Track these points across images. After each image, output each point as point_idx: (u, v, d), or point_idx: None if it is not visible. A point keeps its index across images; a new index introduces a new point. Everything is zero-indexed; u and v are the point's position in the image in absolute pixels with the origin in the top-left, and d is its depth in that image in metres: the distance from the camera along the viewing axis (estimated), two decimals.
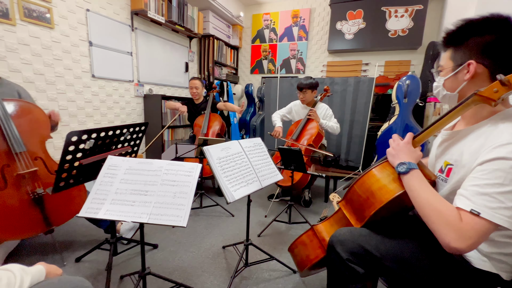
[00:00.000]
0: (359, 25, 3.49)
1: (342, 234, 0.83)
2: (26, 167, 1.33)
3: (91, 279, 1.33)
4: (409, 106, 2.43)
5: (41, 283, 0.58)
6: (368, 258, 0.77)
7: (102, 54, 2.45)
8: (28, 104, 1.40)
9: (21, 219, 1.31)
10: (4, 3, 1.72)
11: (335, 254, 0.81)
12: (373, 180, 0.85)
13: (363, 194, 0.85)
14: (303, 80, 2.41)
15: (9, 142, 1.28)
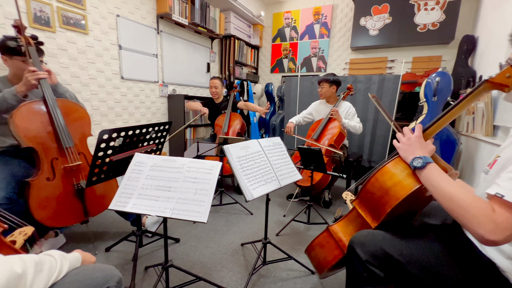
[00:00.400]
0: (385, 20, 3.34)
1: (363, 236, 0.82)
2: (72, 160, 1.46)
3: (119, 268, 1.41)
4: (438, 104, 2.29)
5: (78, 268, 0.63)
6: (389, 262, 0.75)
7: (130, 56, 2.59)
8: (76, 105, 1.55)
9: (65, 208, 1.44)
10: (46, 12, 1.88)
11: (355, 255, 0.79)
12: (387, 176, 0.82)
13: (378, 192, 0.83)
14: (323, 76, 2.41)
15: (60, 137, 1.40)
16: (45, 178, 1.37)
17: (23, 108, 1.32)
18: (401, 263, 0.74)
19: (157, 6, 2.79)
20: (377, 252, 0.76)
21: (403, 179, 0.79)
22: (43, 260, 0.55)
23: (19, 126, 1.29)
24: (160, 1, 2.75)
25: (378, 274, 0.76)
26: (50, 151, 1.40)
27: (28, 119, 1.32)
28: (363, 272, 0.77)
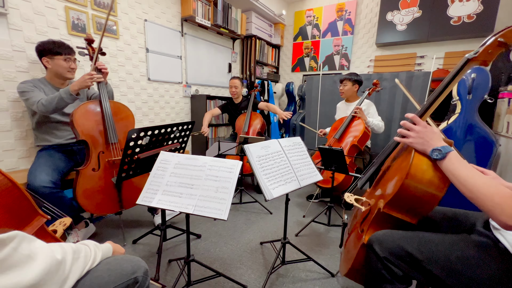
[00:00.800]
0: (414, 14, 3.16)
1: (382, 234, 0.82)
2: (115, 155, 1.64)
3: (145, 260, 1.50)
4: (474, 103, 2.12)
5: (109, 258, 0.69)
6: (409, 260, 0.74)
7: (156, 59, 2.71)
8: (124, 106, 1.76)
9: (104, 198, 1.60)
10: (82, 20, 2.04)
11: (373, 252, 0.79)
12: (420, 174, 0.78)
13: (416, 192, 0.79)
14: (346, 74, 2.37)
15: (108, 134, 1.60)
16: (91, 168, 1.55)
17: (82, 106, 1.54)
18: (421, 261, 0.73)
19: (181, 9, 2.89)
20: (396, 249, 0.76)
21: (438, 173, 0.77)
22: (79, 249, 0.60)
23: (78, 121, 1.51)
24: (184, 5, 2.85)
25: (397, 272, 0.75)
26: (99, 145, 1.59)
27: (85, 116, 1.55)
28: (382, 269, 0.77)
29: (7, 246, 0.43)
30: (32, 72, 1.80)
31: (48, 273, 0.48)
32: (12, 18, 1.68)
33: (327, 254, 1.61)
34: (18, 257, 0.44)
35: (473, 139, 2.06)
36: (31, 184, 1.40)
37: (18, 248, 0.45)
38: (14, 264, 0.43)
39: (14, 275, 0.43)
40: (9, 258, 0.43)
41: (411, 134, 0.82)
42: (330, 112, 3.10)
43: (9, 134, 1.74)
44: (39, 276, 0.46)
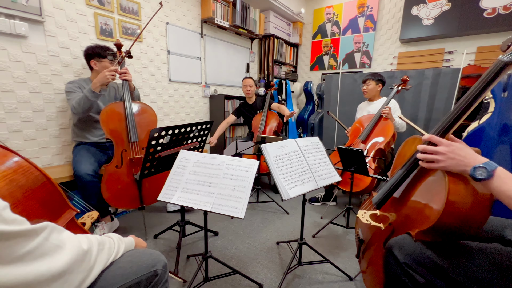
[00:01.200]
0: (442, 7, 2.98)
1: (402, 238, 0.77)
2: (135, 153, 1.73)
3: (165, 254, 1.56)
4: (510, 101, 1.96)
5: (131, 251, 0.72)
6: (432, 267, 0.69)
7: (177, 60, 2.80)
8: (145, 106, 1.84)
9: (127, 193, 1.70)
10: (109, 25, 2.15)
11: (392, 257, 0.75)
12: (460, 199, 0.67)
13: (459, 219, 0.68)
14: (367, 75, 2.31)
15: (129, 133, 1.70)
16: (115, 165, 1.65)
17: (107, 107, 1.65)
18: (445, 269, 0.67)
19: (201, 11, 2.95)
20: (417, 255, 0.71)
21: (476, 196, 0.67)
22: (104, 241, 0.64)
23: (104, 121, 1.63)
24: (204, 7, 2.91)
25: (418, 280, 0.70)
26: (122, 144, 1.69)
27: (110, 116, 1.65)
28: (402, 276, 0.73)
29: (39, 236, 0.47)
30: (65, 74, 1.93)
31: (75, 262, 0.52)
32: (48, 25, 1.81)
33: (345, 257, 1.57)
34: (49, 246, 0.48)
35: (508, 140, 1.91)
36: (77, 172, 1.58)
37: (48, 238, 0.49)
38: (45, 253, 0.47)
39: (45, 263, 0.46)
40: (40, 247, 0.47)
41: (439, 158, 0.71)
42: (350, 112, 3.01)
43: (44, 132, 1.88)
44: (67, 264, 0.50)
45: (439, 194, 0.71)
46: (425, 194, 0.81)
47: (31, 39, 1.74)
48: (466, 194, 0.68)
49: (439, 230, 0.72)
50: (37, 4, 1.70)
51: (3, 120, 1.68)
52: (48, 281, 0.46)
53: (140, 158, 1.72)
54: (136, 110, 1.77)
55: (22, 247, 0.44)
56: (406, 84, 2.20)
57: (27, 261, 0.44)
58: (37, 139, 1.85)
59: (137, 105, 1.80)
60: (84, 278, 0.54)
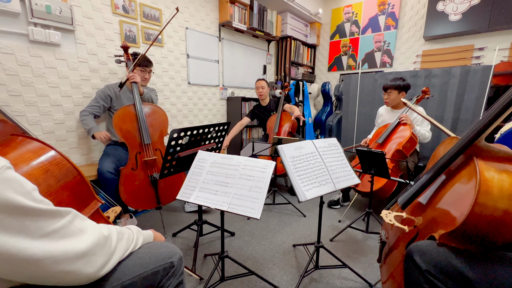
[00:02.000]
0: (471, 2, 2.81)
1: (425, 244, 0.72)
2: (149, 155, 1.78)
3: (183, 252, 1.60)
4: None
5: (150, 243, 0.76)
6: (458, 278, 0.64)
7: (196, 64, 2.88)
8: (157, 107, 1.89)
9: (143, 194, 1.76)
10: (133, 31, 2.27)
11: (413, 263, 0.71)
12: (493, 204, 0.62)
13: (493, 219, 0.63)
14: (390, 81, 2.15)
15: (142, 135, 1.75)
16: (131, 167, 1.71)
17: (119, 111, 1.70)
18: (472, 281, 0.62)
19: (219, 15, 3.02)
20: (442, 263, 0.66)
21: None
22: (123, 231, 0.69)
23: (116, 124, 1.68)
24: (222, 11, 2.97)
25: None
26: (135, 146, 1.74)
27: (122, 119, 1.70)
28: (424, 283, 0.69)
29: (64, 218, 0.52)
30: (93, 80, 2.06)
31: (97, 245, 0.56)
32: (78, 33, 1.94)
33: (365, 262, 1.52)
34: (73, 229, 0.53)
35: None
36: (100, 169, 1.69)
37: (73, 221, 0.54)
38: (69, 234, 0.52)
39: (70, 242, 0.51)
40: (65, 227, 0.52)
41: None
42: (370, 113, 2.92)
43: (74, 133, 2.01)
44: (90, 246, 0.54)
45: (468, 194, 0.67)
46: (454, 195, 0.76)
47: (63, 46, 1.88)
48: (501, 197, 0.63)
49: (465, 234, 0.67)
50: (69, 14, 1.83)
51: (38, 122, 1.82)
52: (73, 259, 0.51)
53: (154, 160, 1.77)
54: (146, 112, 1.79)
55: (49, 225, 0.49)
56: (426, 94, 2.10)
57: (54, 239, 0.49)
58: (67, 140, 1.98)
59: (147, 107, 1.82)
60: (106, 261, 0.58)
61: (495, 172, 0.66)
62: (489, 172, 0.66)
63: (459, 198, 0.73)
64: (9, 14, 1.61)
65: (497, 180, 0.64)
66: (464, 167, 0.76)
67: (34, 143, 0.79)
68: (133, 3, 2.23)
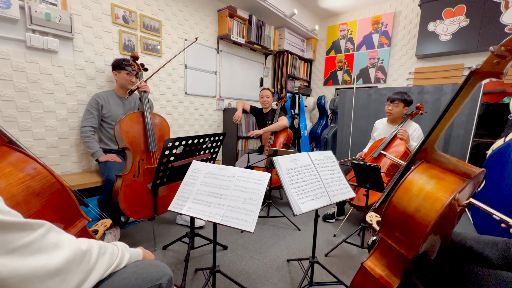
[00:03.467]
0: (460, 23, 2.94)
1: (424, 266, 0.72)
2: (154, 163, 1.78)
3: (172, 267, 1.54)
4: None
5: (137, 261, 0.71)
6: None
7: (194, 74, 2.90)
8: (161, 117, 1.92)
9: (142, 203, 1.72)
10: (132, 41, 2.29)
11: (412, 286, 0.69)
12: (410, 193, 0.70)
13: (402, 217, 0.70)
14: (395, 94, 2.17)
15: (149, 142, 1.76)
16: (132, 174, 1.68)
17: (128, 116, 1.71)
18: None
19: (218, 28, 3.08)
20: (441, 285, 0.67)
21: (432, 192, 0.67)
22: (107, 246, 0.63)
23: (123, 129, 1.67)
24: (221, 24, 3.04)
25: None
26: (139, 153, 1.74)
27: (129, 125, 1.71)
28: None
29: (35, 232, 0.47)
30: (89, 87, 2.05)
31: (73, 261, 0.51)
32: (77, 41, 1.95)
33: None
34: (46, 243, 0.48)
35: None
36: (109, 176, 1.71)
37: (46, 235, 0.49)
38: (42, 249, 0.47)
39: (41, 259, 0.47)
40: (37, 242, 0.47)
41: None
42: (364, 127, 2.96)
43: (66, 141, 1.97)
44: (64, 262, 0.49)
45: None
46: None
47: (61, 54, 1.87)
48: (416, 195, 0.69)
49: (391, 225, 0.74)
50: (69, 22, 1.84)
51: (30, 128, 1.79)
52: (44, 277, 0.46)
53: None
54: (153, 120, 1.83)
55: (17, 240, 0.44)
56: (421, 110, 2.16)
57: (22, 255, 0.44)
58: (59, 147, 1.94)
59: (154, 116, 1.87)
60: (83, 279, 0.53)
61: (427, 176, 0.72)
62: (420, 175, 0.73)
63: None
64: (7, 20, 1.61)
65: (423, 181, 0.71)
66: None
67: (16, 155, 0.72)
68: (134, 14, 2.26)
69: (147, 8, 2.37)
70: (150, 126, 1.76)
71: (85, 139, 1.88)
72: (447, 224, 0.75)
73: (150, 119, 1.77)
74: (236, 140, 3.15)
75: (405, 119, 2.17)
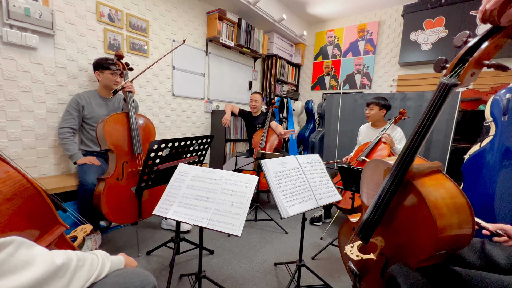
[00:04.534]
0: (440, 34, 3.09)
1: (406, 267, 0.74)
2: (139, 165, 1.72)
3: (157, 273, 1.49)
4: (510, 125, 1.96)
5: (119, 270, 0.67)
6: None
7: (181, 76, 2.86)
8: (146, 118, 1.86)
9: (125, 207, 1.65)
10: (118, 40, 2.23)
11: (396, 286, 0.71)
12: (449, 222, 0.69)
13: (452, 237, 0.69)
14: (372, 98, 2.30)
15: (134, 144, 1.70)
16: (116, 177, 1.61)
17: (112, 117, 1.65)
18: None
19: (207, 31, 3.07)
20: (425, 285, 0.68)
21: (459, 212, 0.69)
22: (86, 257, 0.60)
23: (107, 131, 1.60)
24: (210, 26, 3.02)
25: None
26: (123, 155, 1.67)
27: (114, 126, 1.64)
28: None
29: (2, 252, 0.44)
30: (70, 86, 1.96)
31: (47, 278, 0.48)
32: (59, 38, 1.87)
33: (347, 281, 1.50)
34: (15, 262, 0.45)
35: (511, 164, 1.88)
36: (84, 181, 1.60)
37: (15, 253, 0.45)
38: (10, 270, 0.44)
39: (10, 280, 0.43)
40: (4, 263, 0.43)
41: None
42: (351, 131, 3.02)
43: (44, 142, 1.88)
44: (35, 281, 0.46)
45: (425, 221, 0.70)
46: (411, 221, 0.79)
47: (41, 51, 1.79)
48: (450, 213, 0.68)
49: (435, 256, 0.72)
50: (50, 18, 1.77)
51: (4, 128, 1.69)
52: None
53: None
54: (139, 121, 1.78)
55: None
56: (404, 115, 2.24)
57: None
58: (36, 148, 1.84)
59: (139, 117, 1.81)
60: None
61: (434, 190, 0.72)
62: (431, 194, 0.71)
63: (418, 225, 0.75)
64: None
65: (440, 198, 0.70)
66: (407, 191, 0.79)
67: None
68: (120, 12, 2.21)
69: (134, 7, 2.32)
70: (135, 128, 1.71)
71: (63, 141, 1.79)
72: None
73: (135, 120, 1.72)
74: (224, 143, 3.12)
75: (389, 124, 2.25)
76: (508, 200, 1.87)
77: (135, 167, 1.70)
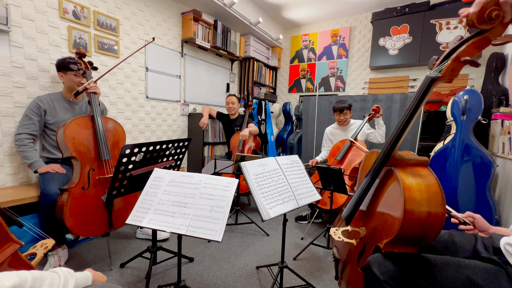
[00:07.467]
0: (405, 40, 3.31)
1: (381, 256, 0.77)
2: (107, 172, 1.58)
3: (132, 286, 1.40)
4: (468, 124, 2.15)
5: (86, 287, 0.61)
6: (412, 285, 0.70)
7: (156, 78, 2.75)
8: (116, 122, 1.73)
9: (93, 218, 1.52)
10: (84, 39, 2.08)
11: (372, 275, 0.75)
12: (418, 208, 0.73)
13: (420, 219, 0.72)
14: (339, 103, 2.41)
15: (101, 150, 1.56)
16: (81, 187, 1.48)
17: (74, 121, 1.50)
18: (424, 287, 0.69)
19: (182, 32, 2.99)
20: (397, 273, 0.72)
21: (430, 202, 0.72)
22: (44, 276, 0.54)
23: (68, 136, 1.46)
24: (185, 27, 2.95)
25: None
26: (89, 162, 1.54)
27: (76, 130, 1.50)
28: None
29: None
30: (29, 87, 1.79)
31: None
32: (14, 35, 1.70)
33: (327, 279, 1.52)
34: None
35: (471, 159, 2.06)
36: (47, 191, 1.45)
37: None
38: None
39: None
40: None
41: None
42: None
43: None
44: None
45: (397, 203, 0.76)
46: (386, 204, 0.85)
47: None
48: (421, 200, 0.73)
49: (403, 239, 0.76)
50: (4, 13, 1.60)
51: None
52: None
53: (110, 178, 1.57)
54: (105, 125, 1.64)
55: None
56: (377, 112, 2.35)
57: None
58: None
59: (107, 121, 1.69)
60: None
61: (412, 177, 0.77)
62: (408, 179, 0.76)
63: (391, 207, 0.81)
64: None
65: (415, 184, 0.75)
66: (388, 177, 0.86)
67: None
68: (86, 9, 2.07)
69: (102, 4, 2.19)
70: (102, 132, 1.58)
71: (20, 148, 1.61)
72: None
73: (101, 124, 1.59)
74: (202, 146, 3.05)
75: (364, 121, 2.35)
76: (468, 192, 2.04)
77: (103, 175, 1.57)
